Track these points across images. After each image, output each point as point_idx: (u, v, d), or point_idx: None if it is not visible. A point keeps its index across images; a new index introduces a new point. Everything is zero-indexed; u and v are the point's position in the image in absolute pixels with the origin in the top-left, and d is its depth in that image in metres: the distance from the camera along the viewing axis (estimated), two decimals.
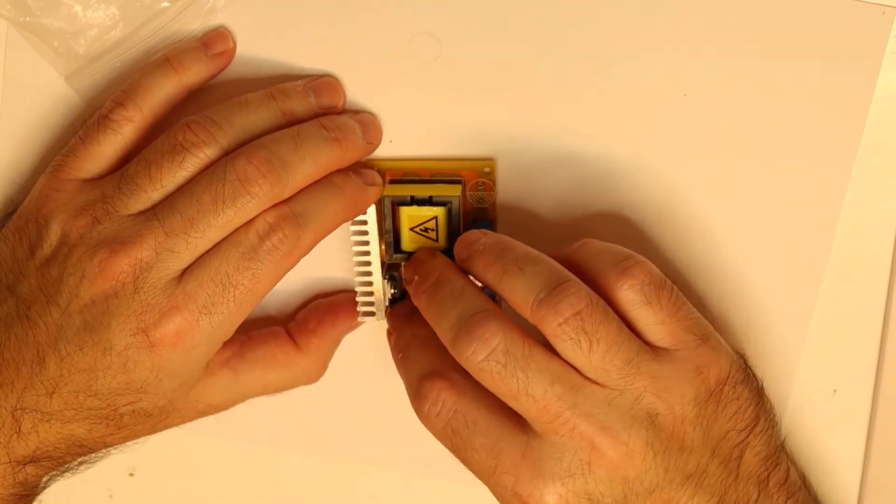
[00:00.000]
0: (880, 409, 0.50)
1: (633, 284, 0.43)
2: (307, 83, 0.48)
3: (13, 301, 0.45)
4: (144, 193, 0.45)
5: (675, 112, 0.48)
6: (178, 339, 0.44)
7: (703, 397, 0.43)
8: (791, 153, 0.48)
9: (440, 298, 0.44)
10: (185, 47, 0.48)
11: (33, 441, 0.45)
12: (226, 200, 0.44)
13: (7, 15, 0.48)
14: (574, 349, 0.42)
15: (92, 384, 0.45)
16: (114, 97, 0.48)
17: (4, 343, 0.45)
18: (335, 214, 0.46)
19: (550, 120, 0.49)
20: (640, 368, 0.42)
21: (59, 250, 0.45)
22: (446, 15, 0.48)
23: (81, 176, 0.47)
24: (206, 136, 0.45)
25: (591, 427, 0.41)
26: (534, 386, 0.42)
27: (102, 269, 0.44)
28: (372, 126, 0.49)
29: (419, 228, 0.47)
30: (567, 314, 0.42)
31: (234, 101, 0.47)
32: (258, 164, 0.44)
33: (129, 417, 0.46)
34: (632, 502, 0.42)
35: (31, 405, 0.45)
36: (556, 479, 0.42)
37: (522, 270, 0.43)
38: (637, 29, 0.48)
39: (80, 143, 0.47)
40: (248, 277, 0.44)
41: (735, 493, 0.43)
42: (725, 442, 0.43)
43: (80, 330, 0.44)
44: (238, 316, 0.45)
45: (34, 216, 0.46)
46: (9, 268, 0.46)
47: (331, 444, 0.54)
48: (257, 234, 0.44)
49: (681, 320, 0.43)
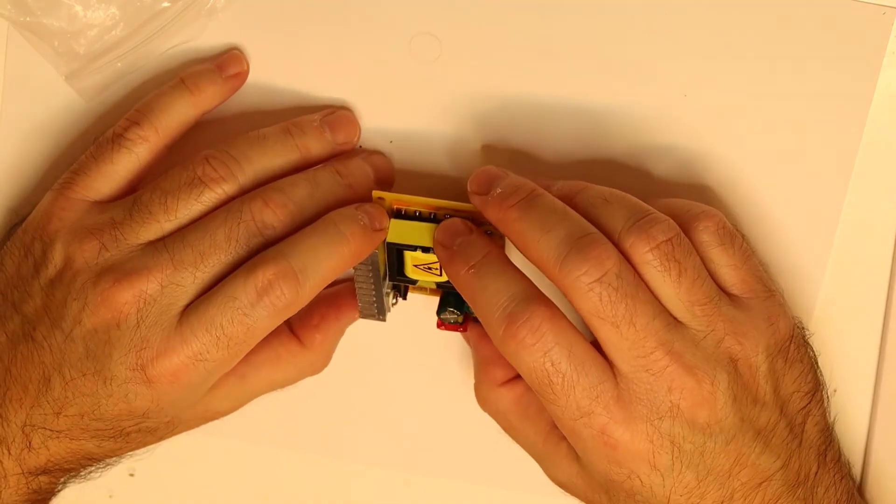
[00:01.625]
0: (880, 408, 0.50)
1: (708, 226, 0.44)
2: (324, 118, 0.48)
3: (19, 319, 0.45)
4: (157, 224, 0.45)
5: (675, 112, 0.48)
6: (174, 378, 0.44)
7: (774, 350, 0.43)
8: (791, 153, 0.48)
9: (539, 215, 0.43)
10: (200, 70, 0.48)
11: (44, 455, 0.45)
12: (239, 240, 0.44)
13: (7, 15, 0.48)
14: (664, 277, 0.42)
15: (96, 409, 0.44)
16: (128, 116, 0.47)
17: (11, 360, 0.45)
18: (336, 269, 0.45)
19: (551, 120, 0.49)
20: (720, 309, 0.42)
21: (63, 273, 0.45)
22: (446, 15, 0.48)
23: (91, 196, 0.46)
24: (225, 173, 0.45)
25: (681, 367, 0.41)
26: (639, 316, 0.41)
27: (105, 298, 0.43)
28: (384, 169, 0.49)
29: (422, 266, 0.47)
30: (660, 239, 0.42)
31: (252, 135, 0.47)
32: (275, 207, 0.44)
33: (136, 434, 0.46)
34: (709, 451, 0.42)
35: (40, 423, 0.45)
36: (644, 421, 0.42)
37: (610, 203, 0.43)
38: (637, 33, 0.47)
39: (92, 160, 0.47)
40: (241, 331, 0.44)
41: (798, 459, 0.44)
42: (791, 403, 0.44)
43: (83, 357, 0.44)
44: (232, 361, 0.45)
45: (39, 234, 0.46)
46: (14, 285, 0.46)
47: (331, 444, 0.54)
48: (255, 290, 0.43)
49: (751, 268, 0.44)
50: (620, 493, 0.43)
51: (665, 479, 0.42)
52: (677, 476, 0.42)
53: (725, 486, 0.43)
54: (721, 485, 0.43)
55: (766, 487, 0.43)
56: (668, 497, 0.43)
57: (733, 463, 0.42)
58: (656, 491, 0.43)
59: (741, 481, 0.43)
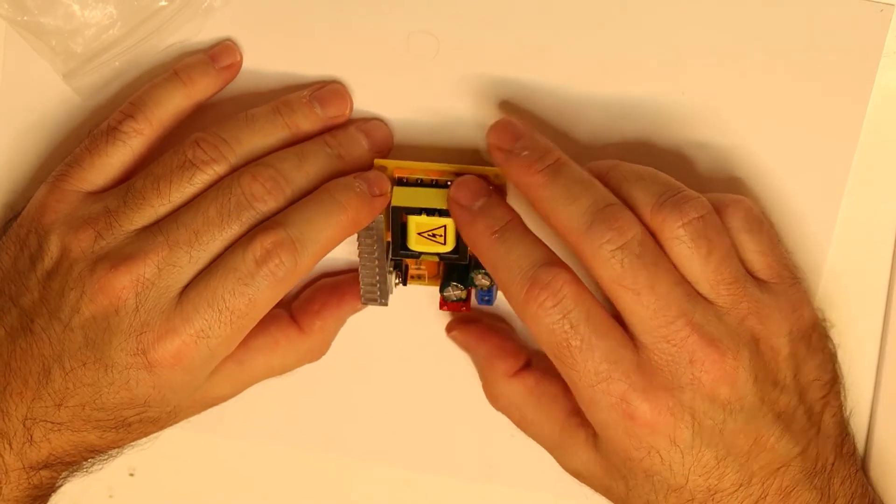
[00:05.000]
0: (880, 408, 0.50)
1: (737, 211, 0.44)
2: (313, 92, 0.48)
3: (17, 312, 0.45)
4: (151, 208, 0.45)
5: (673, 111, 0.48)
6: (176, 360, 0.44)
7: (796, 336, 0.43)
8: (788, 152, 0.48)
9: (565, 182, 0.43)
10: (193, 61, 0.49)
11: (45, 448, 0.45)
12: (231, 214, 0.44)
13: (5, 14, 0.48)
14: (692, 254, 0.42)
15: (97, 399, 0.45)
16: (122, 109, 0.48)
17: (11, 353, 0.45)
18: (334, 237, 0.45)
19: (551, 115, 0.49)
20: (745, 290, 0.43)
21: (60, 264, 0.45)
22: (444, 13, 0.48)
23: (85, 188, 0.47)
24: (215, 154, 0.46)
25: (702, 338, 0.42)
26: (660, 283, 0.42)
27: (102, 285, 0.44)
28: (379, 135, 0.49)
29: (427, 234, 0.47)
30: (692, 215, 0.42)
31: (242, 116, 0.47)
32: (263, 181, 0.45)
33: (138, 424, 0.46)
34: (729, 430, 0.42)
35: (41, 415, 0.45)
36: (665, 391, 0.42)
37: (643, 179, 0.44)
38: (635, 30, 0.47)
39: (86, 153, 0.47)
40: (244, 303, 0.44)
41: (816, 447, 0.44)
42: (811, 391, 0.44)
43: (83, 346, 0.44)
44: (236, 338, 0.45)
45: (35, 227, 0.46)
46: (11, 278, 0.46)
47: (331, 444, 0.54)
48: (254, 259, 0.44)
49: (778, 255, 0.45)
50: (638, 473, 0.43)
51: (685, 457, 0.42)
52: (696, 454, 0.42)
53: (744, 468, 0.42)
54: (740, 466, 0.42)
55: (784, 473, 0.43)
56: (686, 476, 0.42)
57: (752, 444, 0.42)
58: (675, 469, 0.42)
59: (759, 464, 0.43)
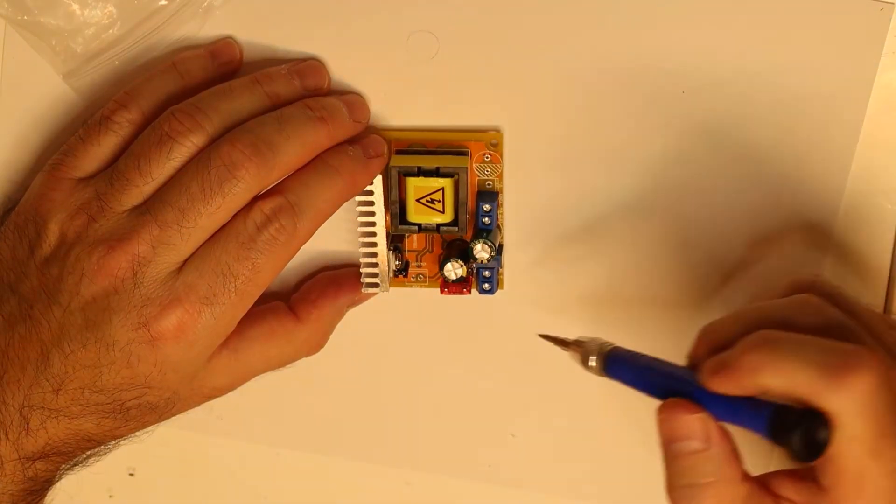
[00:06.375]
0: None
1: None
2: (291, 67, 0.49)
3: (16, 300, 0.46)
4: (136, 188, 0.45)
5: (673, 110, 0.48)
6: (179, 332, 0.44)
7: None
8: (788, 152, 0.48)
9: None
10: (193, 55, 0.49)
11: (42, 437, 0.45)
12: (213, 187, 0.44)
13: (5, 13, 0.48)
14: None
15: (97, 380, 0.45)
16: (116, 98, 0.48)
17: (9, 342, 0.45)
18: (332, 200, 0.46)
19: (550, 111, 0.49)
20: None
21: (58, 250, 0.45)
22: (444, 13, 0.48)
23: (77, 175, 0.47)
24: (191, 124, 0.45)
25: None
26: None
27: (101, 266, 0.44)
28: (358, 105, 0.49)
29: (425, 200, 0.48)
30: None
31: (219, 87, 0.47)
32: (242, 147, 0.44)
33: (136, 410, 0.46)
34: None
35: (38, 402, 0.45)
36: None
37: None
38: (635, 30, 0.48)
39: (79, 142, 0.47)
40: (247, 267, 0.45)
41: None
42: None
43: (83, 327, 0.45)
44: (240, 307, 0.45)
45: (32, 216, 0.47)
46: (10, 267, 0.46)
47: (331, 444, 0.54)
48: (255, 225, 0.45)
49: None
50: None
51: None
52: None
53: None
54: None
55: None
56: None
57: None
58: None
59: None
